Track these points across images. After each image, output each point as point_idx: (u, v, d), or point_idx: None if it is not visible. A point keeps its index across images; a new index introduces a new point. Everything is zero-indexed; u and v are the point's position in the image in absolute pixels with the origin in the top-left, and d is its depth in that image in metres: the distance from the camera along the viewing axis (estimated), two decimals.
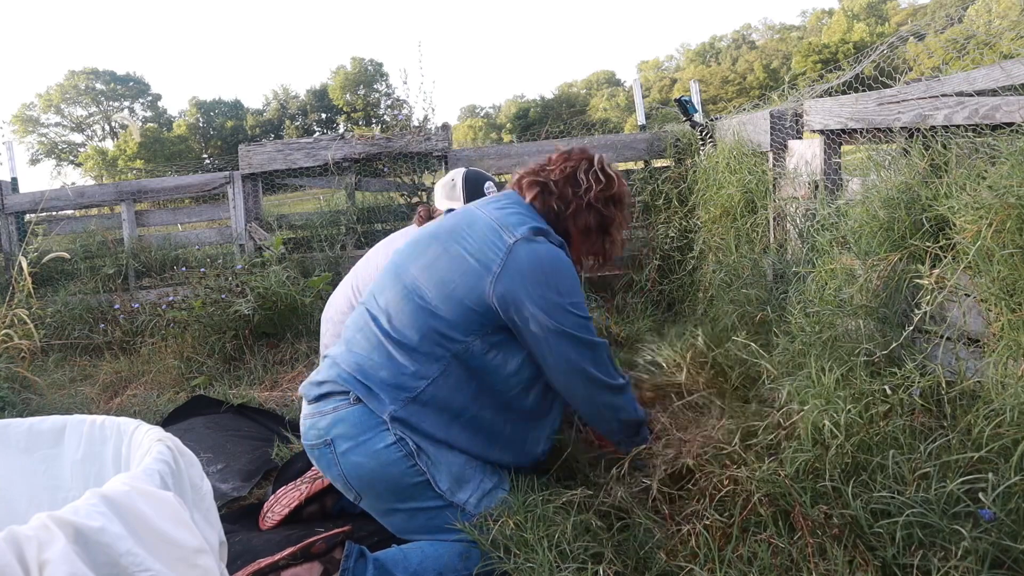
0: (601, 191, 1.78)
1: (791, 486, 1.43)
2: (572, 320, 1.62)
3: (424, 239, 1.76)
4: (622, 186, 1.84)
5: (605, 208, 1.80)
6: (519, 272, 1.60)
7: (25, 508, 1.35)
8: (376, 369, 1.63)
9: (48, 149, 46.21)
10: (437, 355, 1.62)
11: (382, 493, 1.63)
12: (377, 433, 1.59)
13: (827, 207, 2.27)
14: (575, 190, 1.78)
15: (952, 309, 1.70)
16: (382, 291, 1.74)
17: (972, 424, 1.41)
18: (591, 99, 57.81)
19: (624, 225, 1.86)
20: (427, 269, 1.68)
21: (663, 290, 3.83)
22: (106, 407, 3.23)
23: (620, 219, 1.84)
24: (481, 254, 1.63)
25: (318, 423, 1.66)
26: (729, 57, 58.47)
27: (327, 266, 4.22)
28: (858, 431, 1.48)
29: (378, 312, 1.71)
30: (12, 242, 4.73)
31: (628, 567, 1.44)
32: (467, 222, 1.72)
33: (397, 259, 1.78)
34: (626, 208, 1.87)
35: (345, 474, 1.63)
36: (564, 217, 1.77)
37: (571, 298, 1.63)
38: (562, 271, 1.64)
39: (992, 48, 2.13)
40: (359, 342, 1.70)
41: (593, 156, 1.84)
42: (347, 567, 1.50)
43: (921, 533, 1.25)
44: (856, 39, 37.79)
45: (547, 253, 1.64)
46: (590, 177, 1.79)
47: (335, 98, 52.04)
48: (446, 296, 1.62)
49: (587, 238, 1.82)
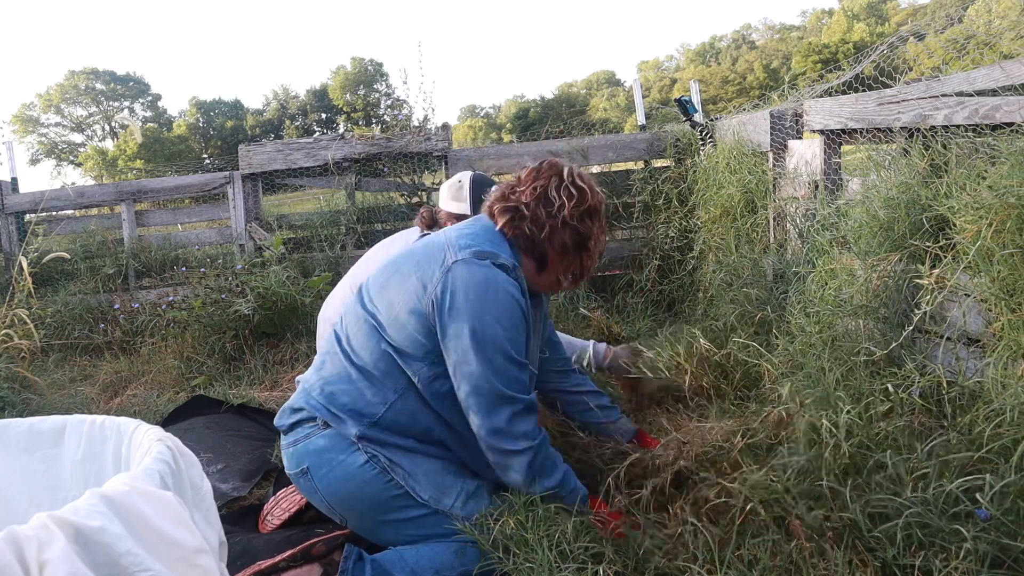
0: (575, 207, 1.68)
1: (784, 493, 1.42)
2: (490, 356, 1.53)
3: (389, 261, 1.76)
4: (595, 196, 1.73)
5: (581, 224, 1.70)
6: (452, 293, 1.55)
7: (25, 508, 1.35)
8: (340, 394, 1.64)
9: (48, 149, 46.21)
10: (394, 377, 1.61)
11: (366, 512, 1.63)
12: (349, 454, 1.60)
13: (827, 207, 2.27)
14: (548, 210, 1.68)
15: (952, 309, 1.70)
16: (347, 312, 1.75)
17: (972, 424, 1.41)
18: (591, 99, 57.80)
19: (601, 238, 1.76)
20: (380, 290, 1.67)
21: (663, 290, 3.82)
22: (106, 407, 3.23)
23: (597, 231, 1.74)
24: (422, 272, 1.60)
25: (292, 453, 1.68)
26: (729, 57, 58.47)
27: (327, 266, 4.21)
28: (857, 432, 1.48)
29: (342, 334, 1.72)
30: (12, 242, 4.73)
31: (628, 567, 1.43)
32: (426, 243, 1.71)
33: (367, 280, 1.78)
34: (602, 218, 1.77)
35: (326, 499, 1.65)
36: (539, 240, 1.68)
37: (500, 330, 1.53)
38: (497, 296, 1.55)
39: (992, 48, 2.13)
40: (326, 365, 1.71)
41: (563, 170, 1.72)
42: (346, 568, 1.51)
43: (920, 534, 1.25)
44: (856, 39, 37.79)
45: (484, 276, 1.56)
46: (562, 194, 1.68)
47: (335, 98, 52.04)
48: (393, 319, 1.61)
49: (565, 257, 1.72)
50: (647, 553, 1.44)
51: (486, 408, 1.55)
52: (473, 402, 1.55)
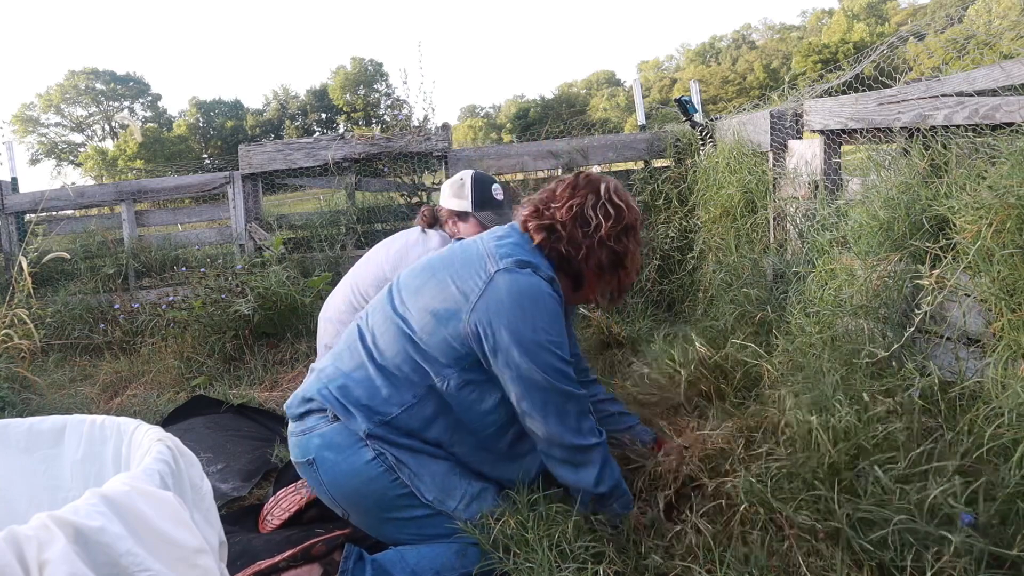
0: (612, 227, 1.65)
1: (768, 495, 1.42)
2: (545, 360, 1.53)
3: (423, 264, 1.74)
4: (632, 213, 1.71)
5: (617, 243, 1.67)
6: (497, 302, 1.54)
7: (25, 508, 1.35)
8: (354, 388, 1.63)
9: (48, 149, 46.21)
10: (413, 382, 1.60)
11: (369, 508, 1.63)
12: (357, 450, 1.59)
13: (827, 207, 2.27)
14: (585, 230, 1.65)
15: (952, 309, 1.70)
16: (374, 311, 1.74)
17: (972, 424, 1.41)
18: (591, 99, 57.80)
19: (638, 254, 1.74)
20: (414, 295, 1.66)
21: (663, 290, 3.82)
22: (106, 407, 3.23)
23: (634, 248, 1.72)
24: (463, 282, 1.59)
25: (300, 442, 1.67)
26: (729, 57, 58.46)
27: (327, 266, 4.21)
28: (855, 434, 1.48)
29: (366, 331, 1.71)
30: (12, 242, 4.73)
31: (628, 567, 1.44)
32: (462, 250, 1.70)
33: (397, 281, 1.77)
34: (639, 234, 1.75)
35: (330, 492, 1.64)
36: (576, 261, 1.66)
37: (548, 335, 1.54)
38: (543, 304, 1.55)
39: (992, 48, 2.13)
40: (345, 358, 1.70)
41: (600, 186, 1.69)
42: (346, 568, 1.51)
43: (913, 538, 1.25)
44: (856, 39, 37.79)
45: (528, 284, 1.56)
46: (599, 213, 1.65)
47: (335, 98, 52.03)
48: (426, 324, 1.60)
49: (601, 276, 1.71)
50: (647, 553, 1.44)
51: (556, 408, 1.55)
52: (540, 407, 1.55)
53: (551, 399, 1.55)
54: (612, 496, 1.60)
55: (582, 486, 1.59)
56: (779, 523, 1.39)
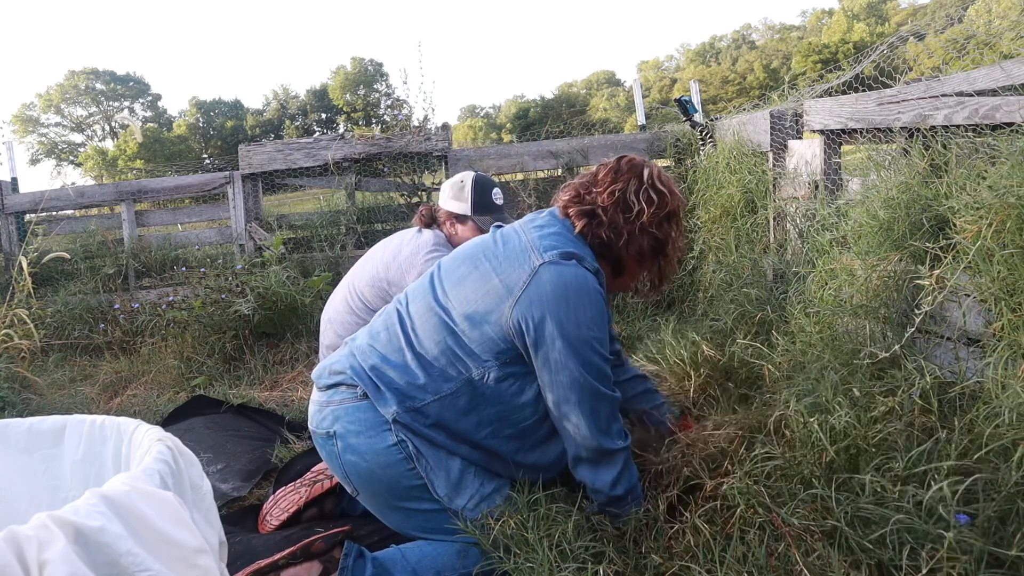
0: (655, 212, 1.62)
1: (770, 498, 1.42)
2: (587, 357, 1.51)
3: (465, 253, 1.72)
4: (675, 199, 1.67)
5: (659, 230, 1.64)
6: (541, 295, 1.52)
7: (25, 508, 1.35)
8: (389, 370, 1.62)
9: (48, 149, 46.22)
10: (450, 375, 1.59)
11: (380, 491, 1.63)
12: (379, 433, 1.59)
13: (827, 207, 2.27)
14: (626, 216, 1.62)
15: (952, 309, 1.70)
16: (415, 297, 1.72)
17: (972, 424, 1.41)
18: (591, 99, 57.80)
19: (680, 240, 1.71)
20: (456, 286, 1.64)
21: (663, 290, 3.82)
22: (106, 407, 3.23)
23: (676, 236, 1.69)
24: (506, 275, 1.57)
25: (324, 412, 1.66)
26: (729, 57, 58.47)
27: (327, 266, 4.22)
28: (854, 434, 1.48)
29: (406, 317, 1.69)
30: (12, 242, 4.73)
31: (628, 567, 1.44)
32: (503, 240, 1.67)
33: (438, 268, 1.75)
34: (681, 221, 1.70)
35: (345, 469, 1.63)
36: (617, 247, 1.64)
37: (592, 331, 1.52)
38: (588, 299, 1.53)
39: (992, 48, 2.13)
40: (381, 339, 1.69)
41: (643, 171, 1.65)
42: (346, 566, 1.51)
43: (911, 537, 1.25)
44: (856, 39, 37.79)
45: (574, 277, 1.53)
46: (641, 199, 1.62)
47: (335, 98, 52.04)
48: (468, 315, 1.59)
49: (642, 263, 1.69)
50: (647, 552, 1.44)
51: (589, 408, 1.54)
52: (575, 403, 1.54)
53: (585, 397, 1.53)
54: (626, 498, 1.59)
55: (599, 486, 1.58)
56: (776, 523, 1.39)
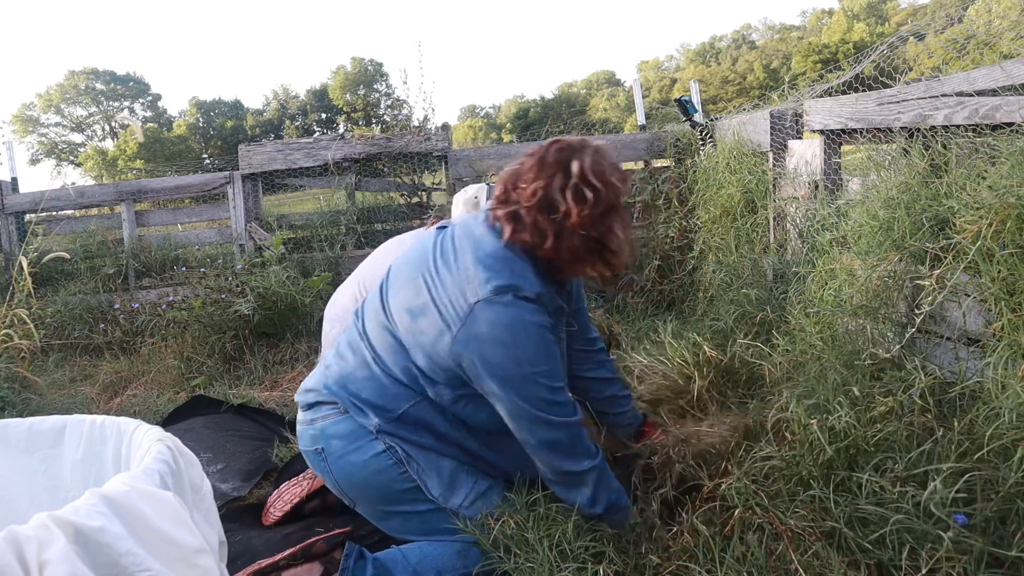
0: (586, 212, 1.43)
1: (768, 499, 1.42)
2: (532, 392, 1.45)
3: (407, 268, 1.65)
4: (612, 191, 1.47)
5: (594, 229, 1.46)
6: (477, 336, 1.44)
7: (25, 508, 1.35)
8: (361, 387, 1.62)
9: (48, 149, 46.20)
10: (415, 388, 1.59)
11: (375, 499, 1.63)
12: (367, 442, 1.60)
13: (827, 207, 2.27)
14: (552, 217, 1.45)
15: (952, 309, 1.70)
16: (370, 316, 1.70)
17: (972, 425, 1.41)
18: (591, 99, 57.77)
19: (624, 231, 1.52)
20: (400, 310, 1.59)
21: (663, 290, 3.82)
22: (106, 407, 3.23)
23: (615, 230, 1.49)
24: (445, 307, 1.50)
25: (310, 431, 1.67)
26: (729, 57, 58.45)
27: (327, 266, 4.22)
28: (854, 434, 1.48)
29: (364, 335, 1.69)
30: (12, 242, 4.73)
31: (628, 567, 1.44)
32: (442, 258, 1.57)
33: (386, 280, 1.70)
34: (622, 210, 1.51)
35: (338, 482, 1.65)
36: (544, 249, 1.48)
37: (534, 367, 1.44)
38: (527, 337, 1.44)
39: (992, 48, 2.13)
40: (348, 357, 1.69)
41: (571, 165, 1.45)
42: (347, 567, 1.51)
43: (911, 537, 1.25)
44: (856, 39, 37.78)
45: (508, 318, 1.43)
46: (568, 198, 1.43)
47: (335, 98, 52.02)
48: (414, 342, 1.56)
49: (578, 261, 1.52)
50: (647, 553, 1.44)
51: (546, 439, 1.50)
52: (528, 432, 1.50)
53: (538, 429, 1.49)
54: (609, 514, 1.56)
55: (578, 506, 1.56)
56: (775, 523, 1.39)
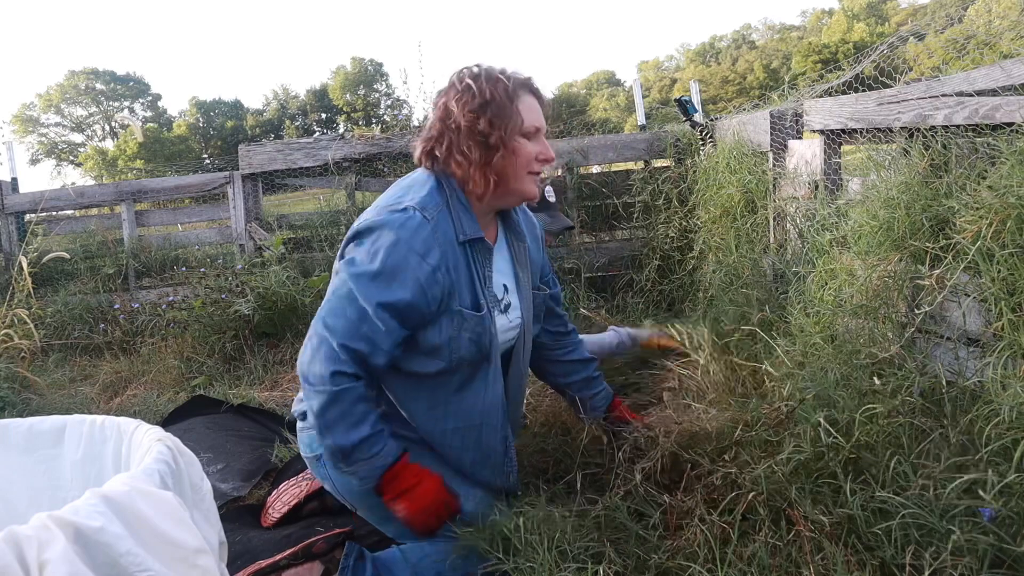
0: (465, 106, 1.48)
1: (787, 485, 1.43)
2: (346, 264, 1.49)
3: None
4: (495, 87, 1.49)
5: (476, 122, 1.48)
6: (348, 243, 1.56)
7: (25, 508, 1.35)
8: None
9: (48, 149, 46.23)
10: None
11: (374, 504, 1.63)
12: None
13: (827, 207, 2.27)
14: (447, 123, 1.52)
15: (952, 309, 1.70)
16: None
17: (972, 424, 1.41)
18: (591, 99, 57.77)
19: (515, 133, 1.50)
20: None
21: (663, 290, 3.82)
22: (106, 407, 3.23)
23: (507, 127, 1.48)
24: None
25: (308, 438, 1.68)
26: (729, 57, 58.46)
27: (327, 266, 4.21)
28: (858, 430, 1.48)
29: None
30: (12, 242, 4.73)
31: (628, 567, 1.43)
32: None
33: None
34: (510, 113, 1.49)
35: (337, 486, 1.65)
36: (444, 158, 1.53)
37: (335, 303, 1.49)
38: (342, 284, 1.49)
39: (992, 48, 2.13)
40: None
41: (462, 75, 1.53)
42: (347, 566, 1.51)
43: (918, 534, 1.25)
44: (856, 39, 37.80)
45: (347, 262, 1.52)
46: (453, 100, 1.50)
47: (335, 98, 52.04)
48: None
49: (471, 166, 1.50)
50: (648, 552, 1.44)
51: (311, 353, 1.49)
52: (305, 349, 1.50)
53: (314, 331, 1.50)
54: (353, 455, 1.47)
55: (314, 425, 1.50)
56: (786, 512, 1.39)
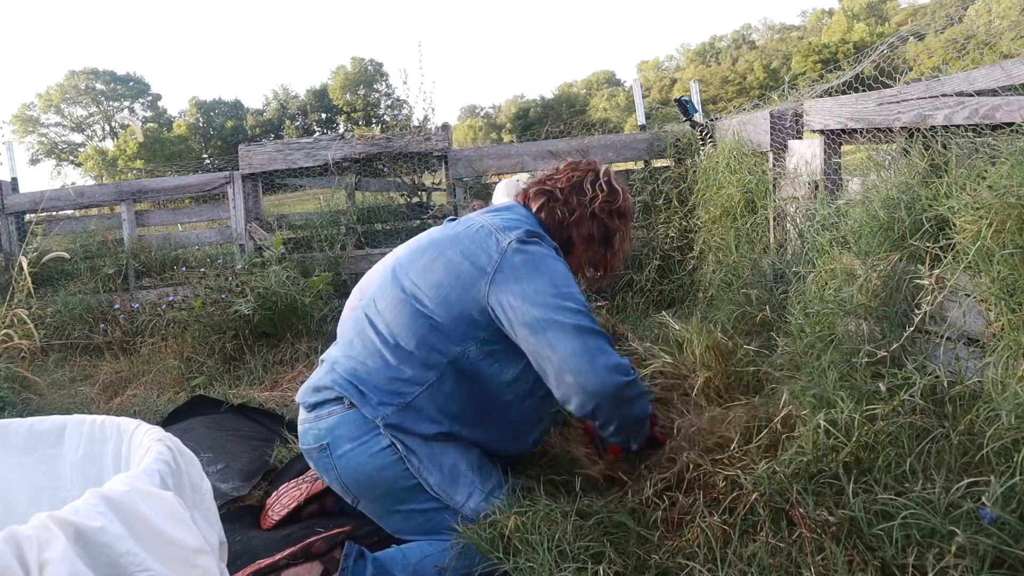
0: (606, 202, 1.81)
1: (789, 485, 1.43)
2: (567, 310, 1.57)
3: (423, 244, 1.77)
4: (627, 200, 1.87)
5: (609, 219, 1.82)
6: (513, 271, 1.60)
7: (25, 508, 1.35)
8: (371, 375, 1.64)
9: (48, 149, 46.21)
10: (433, 362, 1.62)
11: (378, 496, 1.64)
12: (372, 437, 1.60)
13: (827, 207, 2.27)
14: (580, 199, 1.80)
15: (952, 309, 1.70)
16: (382, 296, 1.75)
17: (972, 424, 1.41)
18: (591, 99, 57.75)
19: (627, 240, 1.89)
20: (424, 273, 1.68)
21: (663, 290, 3.83)
22: (106, 407, 3.23)
23: (623, 233, 1.87)
24: (476, 257, 1.64)
25: (314, 428, 1.68)
26: (729, 57, 58.45)
27: (327, 266, 4.22)
28: (858, 430, 1.48)
29: (376, 317, 1.72)
30: (12, 242, 4.73)
31: (628, 567, 1.43)
32: (464, 227, 1.73)
33: (396, 264, 1.79)
34: (629, 223, 1.90)
35: (342, 478, 1.65)
36: (568, 224, 1.79)
37: (566, 288, 1.60)
38: (554, 267, 1.63)
39: (992, 48, 2.13)
40: (356, 347, 1.71)
41: (600, 168, 1.87)
42: (346, 566, 1.51)
43: (919, 534, 1.25)
44: (856, 39, 37.79)
45: (540, 253, 1.64)
46: (596, 188, 1.82)
47: (335, 98, 52.01)
48: (442, 300, 1.63)
49: (589, 247, 1.83)
50: (648, 552, 1.44)
51: (586, 352, 1.54)
52: (568, 352, 1.54)
53: (577, 342, 1.54)
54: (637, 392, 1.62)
55: (631, 420, 1.63)
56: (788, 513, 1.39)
